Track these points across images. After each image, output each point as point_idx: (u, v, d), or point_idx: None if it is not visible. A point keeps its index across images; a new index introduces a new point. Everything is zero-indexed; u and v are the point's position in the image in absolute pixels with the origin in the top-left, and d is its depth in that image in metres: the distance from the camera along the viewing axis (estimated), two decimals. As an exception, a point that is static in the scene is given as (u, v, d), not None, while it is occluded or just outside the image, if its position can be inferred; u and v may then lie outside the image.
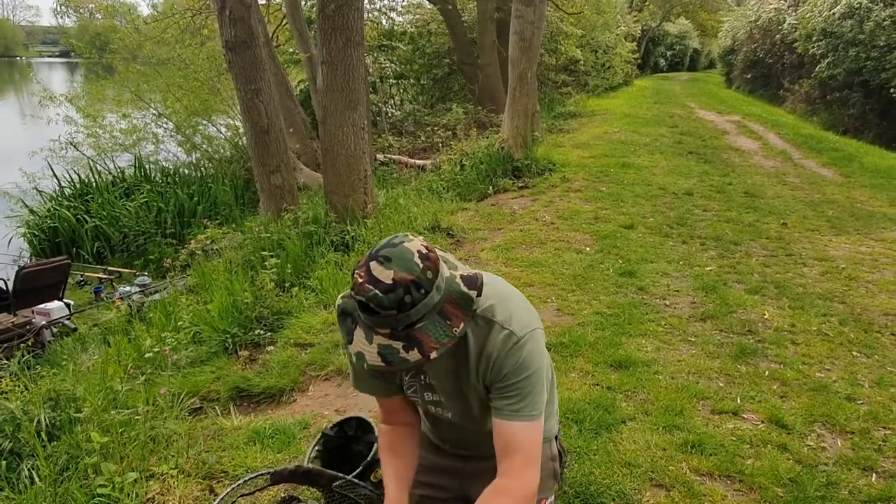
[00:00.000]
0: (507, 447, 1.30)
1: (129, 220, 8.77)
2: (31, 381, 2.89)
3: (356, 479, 1.76)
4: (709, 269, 4.86)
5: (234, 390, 3.23)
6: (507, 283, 1.40)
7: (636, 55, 23.87)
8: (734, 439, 2.66)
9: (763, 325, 3.86)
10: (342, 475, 1.73)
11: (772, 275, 4.77)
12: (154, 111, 11.79)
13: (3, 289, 5.96)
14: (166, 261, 5.90)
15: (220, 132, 11.96)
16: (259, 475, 1.67)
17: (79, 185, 10.14)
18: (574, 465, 2.45)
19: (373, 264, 1.15)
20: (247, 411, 3.10)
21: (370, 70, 12.44)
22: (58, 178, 10.15)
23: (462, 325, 1.20)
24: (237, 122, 11.04)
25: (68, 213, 9.05)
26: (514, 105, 8.22)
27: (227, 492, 1.63)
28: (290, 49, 12.18)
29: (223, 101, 11.19)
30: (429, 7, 15.41)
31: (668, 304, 4.20)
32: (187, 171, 11.18)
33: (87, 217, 9.04)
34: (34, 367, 3.57)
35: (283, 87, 10.30)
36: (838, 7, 15.76)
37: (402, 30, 16.07)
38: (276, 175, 5.98)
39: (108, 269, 7.57)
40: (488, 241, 5.54)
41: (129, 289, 6.24)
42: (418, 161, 10.60)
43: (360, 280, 1.15)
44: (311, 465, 2.10)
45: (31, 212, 9.43)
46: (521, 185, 7.66)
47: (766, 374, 3.25)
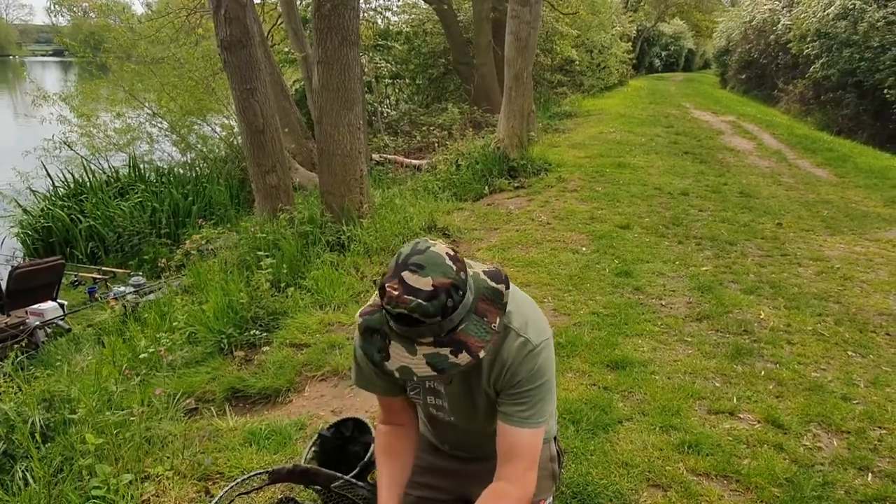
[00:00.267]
0: (512, 452, 1.30)
1: (124, 220, 8.73)
2: (24, 382, 2.88)
3: (354, 480, 1.75)
4: (704, 269, 4.87)
5: (230, 391, 3.22)
6: (517, 288, 1.38)
7: (631, 55, 23.93)
8: (731, 439, 2.67)
9: (759, 325, 3.87)
10: (340, 475, 1.73)
11: (767, 275, 4.78)
12: (148, 110, 11.76)
13: (-3, 289, 5.92)
14: (161, 261, 5.87)
15: (215, 132, 11.93)
16: (257, 474, 1.67)
17: (73, 185, 10.09)
18: (571, 465, 2.45)
19: (405, 274, 1.12)
20: (242, 412, 3.09)
21: (366, 70, 12.41)
22: (51, 178, 10.12)
23: (498, 319, 1.20)
24: (232, 122, 11.02)
25: (62, 213, 9.01)
26: (509, 105, 8.23)
27: (225, 490, 1.63)
28: (286, 48, 12.13)
29: (218, 101, 11.17)
30: (424, 7, 15.41)
31: (664, 304, 4.20)
32: (182, 170, 11.16)
33: (81, 217, 9.00)
34: (28, 368, 3.56)
35: (279, 86, 10.28)
36: (832, 8, 15.84)
37: (397, 29, 16.08)
38: (272, 175, 5.96)
39: (103, 269, 7.54)
40: (484, 242, 5.54)
41: (123, 289, 6.22)
42: (414, 161, 10.59)
43: (396, 292, 1.11)
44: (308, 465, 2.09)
45: (25, 211, 9.38)
46: (517, 185, 7.66)
47: (763, 373, 3.26)
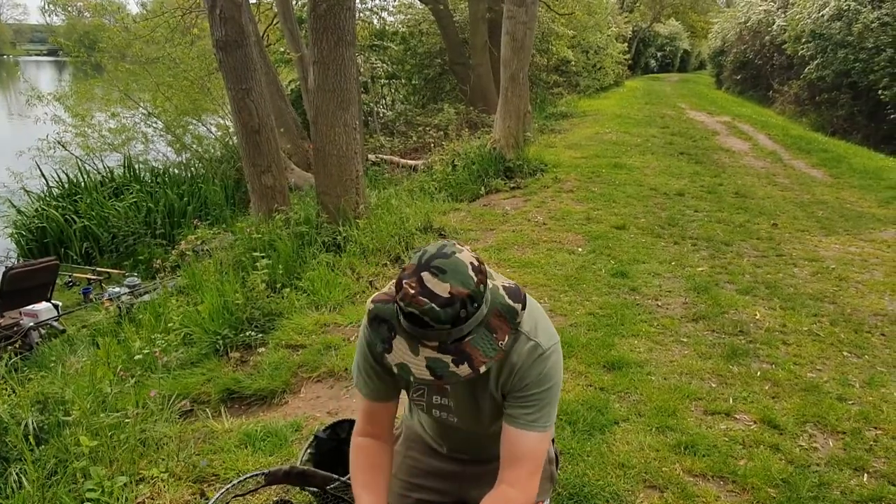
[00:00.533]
0: (517, 456, 1.29)
1: (119, 221, 8.68)
2: (18, 384, 2.86)
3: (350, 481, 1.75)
4: (700, 269, 4.88)
5: (225, 392, 3.20)
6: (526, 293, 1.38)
7: (627, 56, 23.99)
8: (727, 440, 2.67)
9: (754, 325, 3.88)
10: (336, 476, 1.72)
11: (763, 275, 4.79)
12: (143, 110, 11.71)
13: (-9, 290, 5.89)
14: (156, 261, 5.86)
15: (211, 132, 11.90)
16: (253, 476, 1.66)
17: (67, 185, 10.03)
18: (568, 466, 2.45)
19: (425, 275, 1.11)
20: (238, 413, 3.07)
21: (361, 70, 12.41)
22: (46, 178, 10.05)
23: (507, 338, 1.18)
24: (227, 122, 11.00)
25: (56, 214, 8.95)
26: (505, 105, 8.23)
27: (221, 492, 1.62)
28: (282, 48, 12.12)
29: (213, 101, 11.14)
30: (420, 7, 15.42)
31: (660, 304, 4.21)
32: (177, 170, 11.11)
33: (75, 217, 8.93)
34: (22, 370, 3.54)
35: (274, 86, 10.25)
36: (827, 9, 15.88)
37: (393, 30, 16.08)
38: (268, 175, 5.94)
39: (97, 269, 7.50)
40: (480, 242, 5.54)
41: (118, 290, 6.18)
42: (410, 161, 10.60)
43: (413, 291, 1.10)
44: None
45: (19, 212, 9.32)
46: (512, 185, 7.66)
47: (758, 374, 3.27)
